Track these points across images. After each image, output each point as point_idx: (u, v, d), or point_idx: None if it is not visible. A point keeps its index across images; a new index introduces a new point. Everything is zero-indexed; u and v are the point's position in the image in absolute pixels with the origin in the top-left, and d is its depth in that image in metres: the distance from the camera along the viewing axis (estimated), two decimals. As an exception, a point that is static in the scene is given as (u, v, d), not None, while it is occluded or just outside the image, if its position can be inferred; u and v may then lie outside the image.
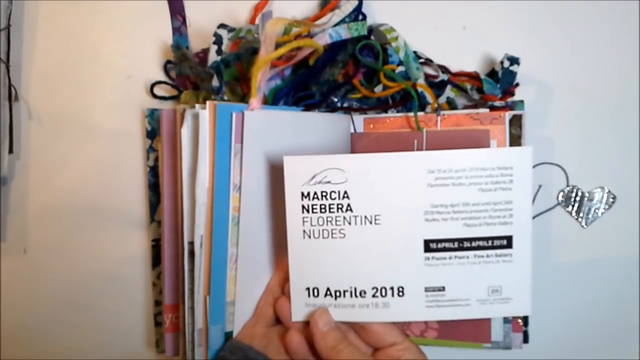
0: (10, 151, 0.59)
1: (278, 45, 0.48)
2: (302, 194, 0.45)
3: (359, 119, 0.55)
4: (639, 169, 0.57)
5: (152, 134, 0.58)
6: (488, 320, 0.54)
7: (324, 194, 0.45)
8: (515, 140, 0.53)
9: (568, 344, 0.58)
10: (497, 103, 0.54)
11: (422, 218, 0.44)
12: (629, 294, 0.57)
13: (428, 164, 0.44)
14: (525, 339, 0.55)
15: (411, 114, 0.53)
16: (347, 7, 0.56)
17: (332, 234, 0.45)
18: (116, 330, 0.61)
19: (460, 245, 0.45)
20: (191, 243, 0.48)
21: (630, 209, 0.57)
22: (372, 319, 0.46)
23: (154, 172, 0.59)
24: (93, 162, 0.60)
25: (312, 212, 0.45)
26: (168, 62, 0.60)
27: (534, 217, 0.57)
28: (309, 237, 0.45)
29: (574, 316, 0.58)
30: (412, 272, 0.45)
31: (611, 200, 0.57)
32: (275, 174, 0.48)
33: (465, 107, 0.56)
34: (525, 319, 0.55)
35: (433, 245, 0.45)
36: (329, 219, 0.45)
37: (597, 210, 0.57)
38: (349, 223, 0.45)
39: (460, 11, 0.59)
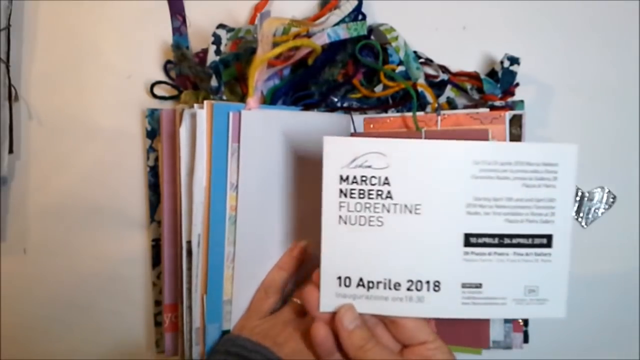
0: (10, 151, 0.59)
1: (276, 45, 0.48)
2: (341, 177, 0.43)
3: (358, 119, 0.55)
4: (639, 169, 0.57)
5: (152, 134, 0.59)
6: (487, 325, 0.53)
7: (364, 178, 0.43)
8: (516, 140, 0.53)
9: (568, 344, 0.58)
10: (497, 103, 0.54)
11: (464, 210, 0.43)
12: (629, 294, 0.57)
13: (474, 155, 0.42)
14: (526, 339, 0.55)
15: (411, 113, 0.53)
16: (347, 7, 0.56)
17: (369, 221, 0.43)
18: (116, 330, 0.61)
19: (501, 241, 0.43)
20: (189, 242, 0.48)
21: (630, 209, 0.57)
22: (405, 313, 0.44)
23: (154, 172, 0.59)
24: (93, 162, 0.60)
25: (350, 196, 0.43)
26: (168, 62, 0.60)
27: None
28: (345, 223, 0.43)
29: (574, 316, 0.57)
30: (449, 267, 0.44)
31: (611, 200, 0.57)
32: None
33: (466, 107, 0.56)
34: (525, 319, 0.55)
35: (473, 240, 0.43)
36: (367, 206, 0.43)
37: (597, 210, 0.57)
38: (388, 211, 0.43)
39: (460, 11, 0.59)
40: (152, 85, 0.59)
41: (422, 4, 0.59)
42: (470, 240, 0.43)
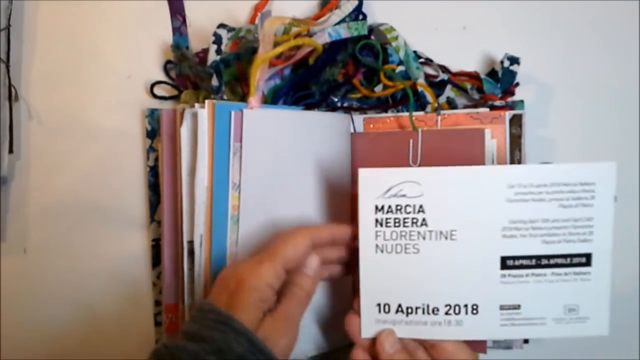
0: (10, 151, 0.59)
1: (277, 44, 0.48)
2: (376, 207, 0.44)
3: (358, 119, 0.55)
4: (639, 169, 0.57)
5: (152, 134, 0.59)
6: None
7: (399, 207, 0.44)
8: (516, 140, 0.53)
9: (568, 344, 0.58)
10: (497, 103, 0.54)
11: (500, 234, 0.43)
12: (629, 294, 0.57)
13: (509, 179, 0.42)
14: (526, 339, 0.55)
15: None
16: (347, 7, 0.56)
17: (405, 249, 0.44)
18: (116, 330, 0.61)
19: (538, 262, 0.43)
20: (190, 242, 0.48)
21: (630, 209, 0.57)
22: (445, 336, 0.45)
23: (154, 172, 0.59)
24: (93, 162, 0.60)
25: (386, 225, 0.44)
26: (168, 62, 0.60)
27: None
28: (382, 251, 0.44)
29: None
30: (487, 290, 0.44)
31: (611, 200, 0.57)
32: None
33: (466, 107, 0.56)
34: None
35: (510, 262, 0.43)
36: (403, 234, 0.44)
37: (597, 210, 0.57)
38: (424, 238, 0.44)
39: (460, 11, 0.59)
40: (152, 85, 0.59)
41: (422, 4, 0.59)
42: (507, 262, 0.44)
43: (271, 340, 0.40)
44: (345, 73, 0.56)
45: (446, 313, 0.45)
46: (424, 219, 0.44)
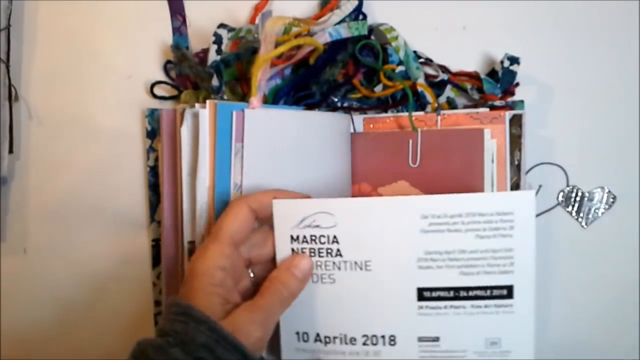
0: (10, 151, 0.59)
1: (278, 44, 0.48)
2: (292, 237, 0.44)
3: (359, 119, 0.55)
4: (639, 169, 0.57)
5: (152, 134, 0.59)
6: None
7: (313, 237, 0.43)
8: (516, 140, 0.53)
9: (568, 344, 0.58)
10: (497, 103, 0.54)
11: (415, 265, 0.42)
12: (629, 294, 0.57)
13: (421, 209, 0.41)
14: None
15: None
16: (347, 7, 0.56)
17: (321, 278, 0.44)
18: (116, 330, 0.61)
19: (456, 294, 0.42)
20: (191, 242, 0.48)
21: (630, 209, 0.57)
22: None
23: (154, 172, 0.59)
24: (93, 162, 0.60)
25: None
26: (168, 62, 0.60)
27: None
28: None
29: (574, 316, 0.58)
30: (404, 321, 0.44)
31: (611, 200, 0.57)
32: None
33: (466, 107, 0.56)
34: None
35: (427, 294, 0.43)
36: (319, 264, 0.44)
37: (597, 210, 0.57)
38: (339, 268, 0.44)
39: (460, 11, 0.59)
40: (152, 85, 0.59)
41: (422, 4, 0.59)
42: (423, 294, 0.43)
43: (243, 331, 0.39)
44: (346, 73, 0.56)
45: (364, 344, 0.44)
46: (338, 250, 0.43)
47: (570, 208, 0.57)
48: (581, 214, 0.57)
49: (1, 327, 0.61)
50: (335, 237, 0.43)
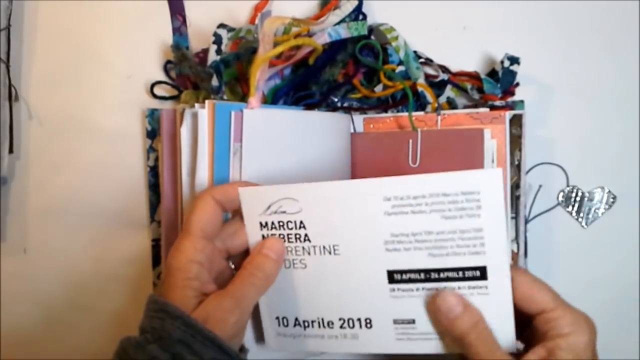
0: (10, 151, 0.59)
1: (277, 44, 0.48)
2: (261, 224, 0.44)
3: (358, 119, 0.55)
4: (639, 169, 0.57)
5: (152, 134, 0.59)
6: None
7: (281, 223, 0.43)
8: (516, 140, 0.53)
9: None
10: (498, 103, 0.54)
11: (383, 248, 0.42)
12: (628, 294, 0.57)
13: (383, 192, 0.41)
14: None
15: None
16: (347, 7, 0.56)
17: (293, 264, 0.44)
18: (116, 330, 0.61)
19: (427, 276, 0.42)
20: (191, 242, 0.48)
21: (630, 209, 0.57)
22: (342, 349, 0.45)
23: (154, 172, 0.59)
24: (93, 162, 0.60)
25: None
26: (168, 62, 0.60)
27: (534, 218, 0.57)
28: None
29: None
30: (378, 304, 0.43)
31: (611, 200, 0.57)
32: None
33: (466, 107, 0.56)
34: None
35: (397, 277, 0.42)
36: (289, 249, 0.44)
37: (597, 210, 0.57)
38: (309, 253, 0.44)
39: (460, 11, 0.59)
40: (152, 85, 0.59)
41: (422, 4, 0.59)
42: (394, 277, 0.42)
43: (214, 318, 0.39)
44: (345, 73, 0.56)
45: (341, 327, 0.44)
46: (306, 235, 0.43)
47: (570, 208, 0.57)
48: (581, 214, 0.57)
49: (1, 327, 0.61)
50: (302, 222, 0.43)
